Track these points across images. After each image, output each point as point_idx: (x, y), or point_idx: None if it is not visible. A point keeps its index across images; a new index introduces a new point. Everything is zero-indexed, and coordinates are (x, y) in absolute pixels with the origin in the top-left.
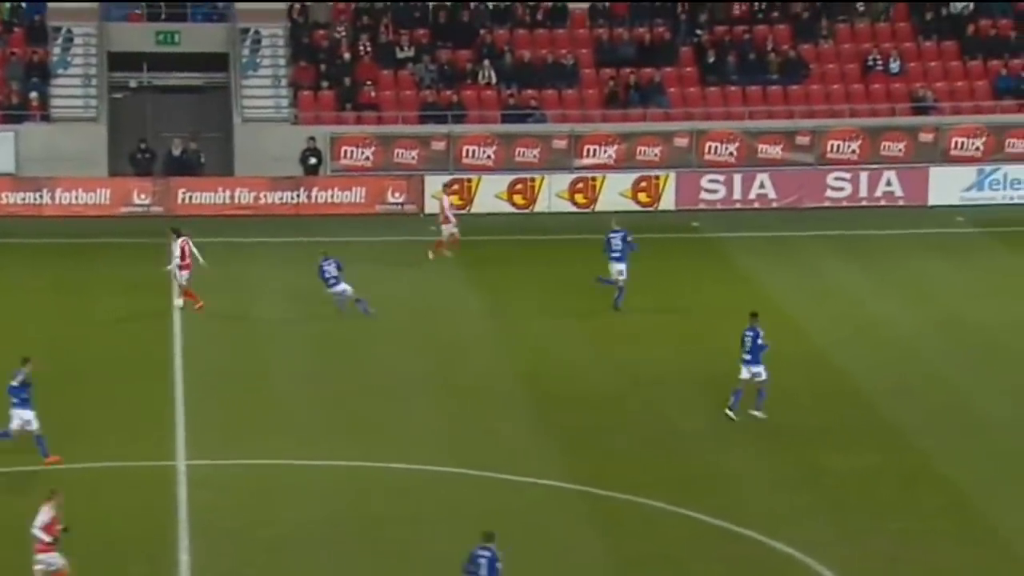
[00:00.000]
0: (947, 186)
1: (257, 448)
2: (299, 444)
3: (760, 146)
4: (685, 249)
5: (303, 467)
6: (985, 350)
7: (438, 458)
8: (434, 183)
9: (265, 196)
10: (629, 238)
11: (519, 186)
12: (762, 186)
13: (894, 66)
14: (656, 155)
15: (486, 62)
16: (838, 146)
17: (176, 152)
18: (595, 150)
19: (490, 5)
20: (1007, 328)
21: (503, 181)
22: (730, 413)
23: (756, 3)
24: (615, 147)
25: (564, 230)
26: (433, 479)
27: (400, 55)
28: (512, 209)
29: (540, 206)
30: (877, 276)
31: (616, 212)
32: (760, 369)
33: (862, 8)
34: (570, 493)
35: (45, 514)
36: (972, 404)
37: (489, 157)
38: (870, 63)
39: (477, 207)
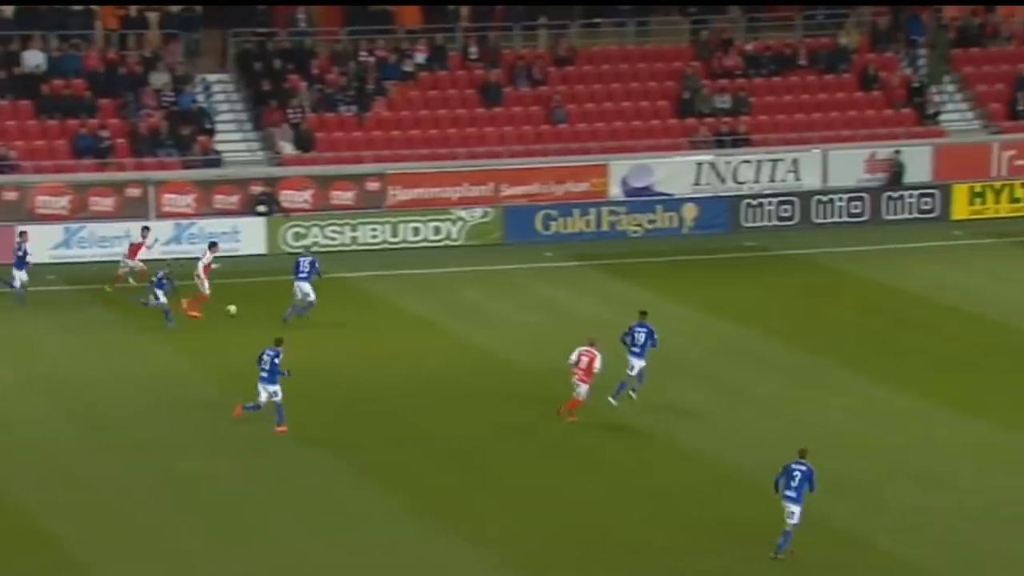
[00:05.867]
0: (37, 244)
1: None
2: None
3: None
4: None
5: None
6: (85, 407)
7: None
8: None
9: None
10: (317, 264)
11: None
12: None
13: None
14: None
15: None
16: None
17: None
18: None
19: None
20: (106, 384)
21: None
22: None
23: None
24: None
25: None
26: None
27: None
28: None
29: None
30: None
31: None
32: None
33: None
34: None
35: None
36: (71, 459)
37: None
38: None
39: None
